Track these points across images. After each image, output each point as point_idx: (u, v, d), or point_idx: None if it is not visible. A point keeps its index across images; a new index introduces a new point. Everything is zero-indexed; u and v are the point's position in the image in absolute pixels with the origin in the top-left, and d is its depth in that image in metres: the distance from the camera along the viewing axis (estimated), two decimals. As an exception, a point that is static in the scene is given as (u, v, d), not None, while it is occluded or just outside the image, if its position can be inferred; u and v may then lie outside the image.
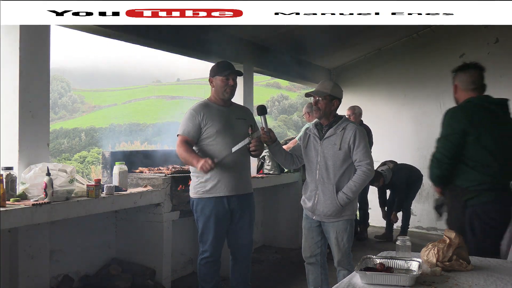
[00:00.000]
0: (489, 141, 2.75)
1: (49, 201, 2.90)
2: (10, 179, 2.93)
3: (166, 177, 3.92)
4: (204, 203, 3.29)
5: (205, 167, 3.08)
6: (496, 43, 6.58)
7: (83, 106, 48.89)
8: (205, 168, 3.08)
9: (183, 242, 4.60)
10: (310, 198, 3.25)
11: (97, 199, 3.24)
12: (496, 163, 2.75)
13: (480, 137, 2.75)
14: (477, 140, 2.74)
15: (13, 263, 3.07)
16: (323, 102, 3.20)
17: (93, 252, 3.87)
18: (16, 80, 3.13)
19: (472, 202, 2.76)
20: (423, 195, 6.72)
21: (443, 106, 6.75)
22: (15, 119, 3.13)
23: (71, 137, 35.68)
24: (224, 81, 3.30)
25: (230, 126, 3.31)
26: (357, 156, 3.13)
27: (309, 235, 3.33)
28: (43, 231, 3.19)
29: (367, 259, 2.14)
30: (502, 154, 2.77)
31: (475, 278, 2.02)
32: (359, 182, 3.12)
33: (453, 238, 2.19)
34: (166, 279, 3.95)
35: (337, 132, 3.18)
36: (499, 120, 2.83)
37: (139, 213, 3.93)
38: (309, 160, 3.28)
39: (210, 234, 3.30)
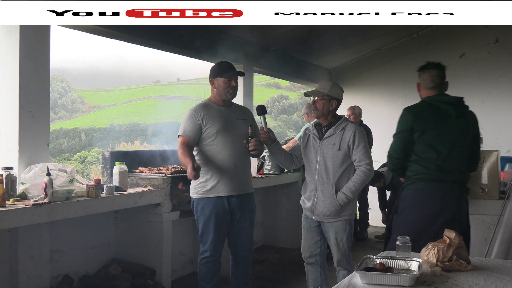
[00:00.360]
0: (431, 137, 2.96)
1: (49, 201, 2.90)
2: (10, 179, 2.93)
3: (166, 177, 3.92)
4: (205, 203, 3.29)
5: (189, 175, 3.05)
6: (496, 43, 6.59)
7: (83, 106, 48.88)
8: (191, 177, 3.05)
9: (183, 242, 4.60)
10: (310, 198, 3.25)
11: (97, 199, 3.24)
12: (437, 157, 2.94)
13: (423, 133, 2.96)
14: (420, 136, 2.96)
15: (13, 263, 3.07)
16: (321, 102, 3.20)
17: (93, 252, 3.87)
18: (16, 80, 3.13)
19: (408, 187, 3.03)
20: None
21: (443, 106, 6.77)
22: (15, 119, 3.13)
23: (71, 137, 35.66)
24: (227, 82, 3.30)
25: (230, 126, 3.31)
26: (357, 156, 3.13)
27: (309, 235, 3.33)
28: (43, 231, 3.19)
29: (367, 259, 2.14)
30: (443, 149, 2.94)
31: (475, 278, 2.02)
32: (359, 182, 3.12)
33: (453, 238, 2.19)
34: (166, 279, 3.95)
35: (337, 132, 3.18)
36: (448, 118, 3.00)
37: (139, 213, 3.93)
38: (309, 160, 3.28)
39: (210, 234, 3.30)
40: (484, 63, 6.63)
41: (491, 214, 3.27)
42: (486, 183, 3.29)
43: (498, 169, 3.36)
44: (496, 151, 3.34)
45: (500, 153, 3.42)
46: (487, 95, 6.58)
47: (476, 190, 3.46)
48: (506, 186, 3.41)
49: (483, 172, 3.33)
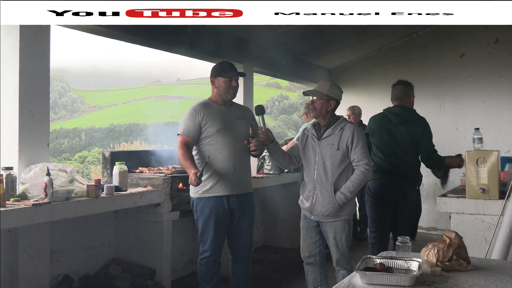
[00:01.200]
0: (377, 140, 4.03)
1: (49, 201, 2.90)
2: (10, 179, 2.93)
3: (166, 177, 3.92)
4: (204, 203, 3.29)
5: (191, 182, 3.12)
6: (496, 43, 6.58)
7: (83, 106, 48.86)
8: (192, 183, 3.11)
9: (183, 242, 4.60)
10: (308, 198, 3.25)
11: (97, 199, 3.24)
12: (382, 155, 3.98)
13: (373, 137, 4.05)
14: (371, 139, 4.04)
15: (13, 263, 3.07)
16: (320, 102, 3.20)
17: (93, 252, 3.87)
18: (16, 80, 3.13)
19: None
20: (423, 195, 6.71)
21: (443, 106, 6.77)
22: (15, 119, 3.13)
23: (71, 137, 35.65)
24: (227, 82, 3.31)
25: (230, 125, 3.32)
26: (355, 156, 3.13)
27: (307, 235, 3.33)
28: (43, 231, 3.19)
29: (367, 259, 2.14)
30: (386, 149, 3.97)
31: (475, 278, 2.02)
32: (357, 182, 3.12)
33: (453, 238, 2.19)
34: (166, 279, 3.95)
35: (335, 132, 3.18)
36: (390, 124, 3.99)
37: (139, 213, 3.93)
38: (307, 160, 3.29)
39: (210, 233, 3.30)
40: (484, 63, 6.63)
41: (491, 214, 3.26)
42: (486, 183, 3.28)
43: (498, 169, 3.35)
44: (496, 151, 3.33)
45: (500, 153, 3.41)
46: (487, 95, 6.58)
47: (476, 190, 3.47)
48: (506, 186, 3.40)
49: (483, 172, 3.33)
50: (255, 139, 3.28)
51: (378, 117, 4.11)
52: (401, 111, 4.00)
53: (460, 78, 6.73)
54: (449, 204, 3.39)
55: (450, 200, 3.39)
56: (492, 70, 6.60)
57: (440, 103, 6.72)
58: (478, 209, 3.29)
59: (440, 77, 6.84)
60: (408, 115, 3.99)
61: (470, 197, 3.31)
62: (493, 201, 3.26)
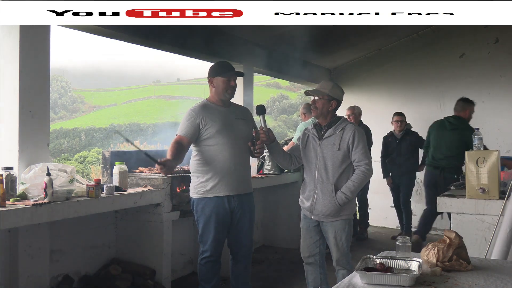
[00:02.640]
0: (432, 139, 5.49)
1: (49, 201, 2.90)
2: (10, 179, 2.93)
3: (166, 177, 3.91)
4: (205, 203, 3.29)
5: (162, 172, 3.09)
6: (496, 43, 6.58)
7: (83, 106, 48.91)
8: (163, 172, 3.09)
9: (183, 242, 4.60)
10: (309, 198, 3.25)
11: (97, 199, 3.24)
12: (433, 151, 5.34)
13: (430, 136, 5.46)
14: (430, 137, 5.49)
15: (13, 263, 3.07)
16: (321, 102, 3.21)
17: (93, 252, 3.87)
18: (16, 80, 3.13)
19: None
20: (423, 195, 6.71)
21: (443, 106, 6.76)
22: (15, 119, 3.13)
23: (71, 137, 35.69)
24: (226, 82, 3.31)
25: (229, 126, 3.32)
26: (356, 156, 3.14)
27: (307, 235, 3.33)
28: (43, 231, 3.19)
29: (367, 259, 2.14)
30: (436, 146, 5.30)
31: (475, 278, 2.02)
32: (358, 182, 3.12)
33: (453, 238, 2.19)
34: (166, 279, 3.95)
35: (336, 132, 3.18)
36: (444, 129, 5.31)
37: (139, 213, 3.93)
38: (308, 160, 3.29)
39: (210, 234, 3.30)
40: (484, 63, 6.63)
41: (491, 214, 3.26)
42: (486, 183, 3.28)
43: (498, 169, 3.36)
44: (496, 151, 3.34)
45: (500, 153, 3.42)
46: (487, 95, 6.57)
47: (476, 190, 3.47)
48: (506, 186, 3.40)
49: (483, 172, 3.34)
50: (259, 141, 3.28)
51: (438, 122, 5.43)
52: (454, 120, 5.28)
53: (460, 78, 6.72)
54: (449, 204, 3.39)
55: (450, 200, 3.39)
56: (492, 70, 6.60)
57: (440, 103, 6.72)
58: (478, 209, 3.29)
59: (440, 77, 6.84)
60: (460, 124, 5.19)
61: (470, 197, 3.32)
62: (493, 201, 3.26)
